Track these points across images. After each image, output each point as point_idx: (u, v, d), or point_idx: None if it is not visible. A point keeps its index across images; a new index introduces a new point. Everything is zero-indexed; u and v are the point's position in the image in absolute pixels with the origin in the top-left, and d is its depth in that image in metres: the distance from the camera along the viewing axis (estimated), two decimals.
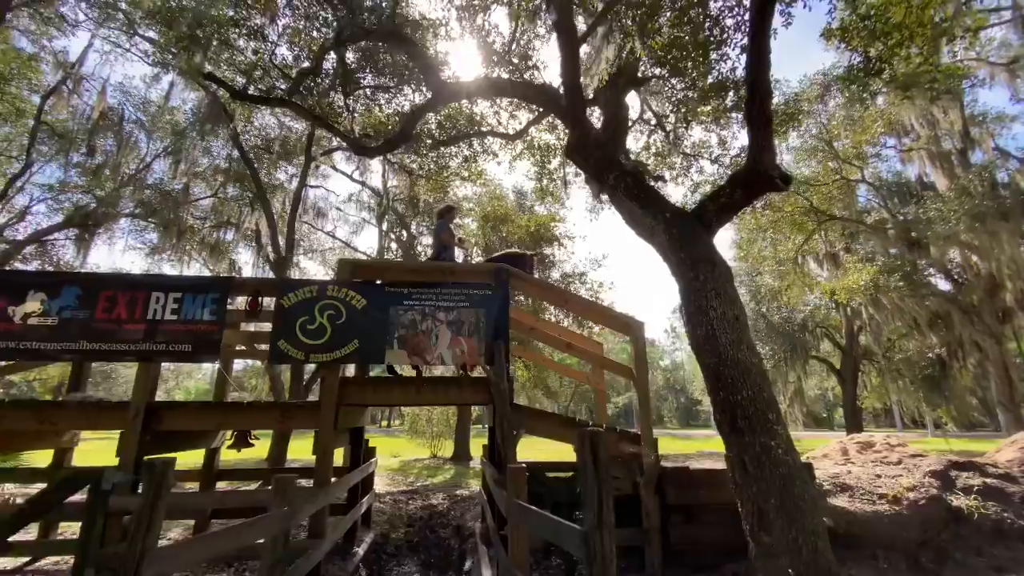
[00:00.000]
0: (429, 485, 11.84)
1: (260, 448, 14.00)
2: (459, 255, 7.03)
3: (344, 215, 19.96)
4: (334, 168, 19.29)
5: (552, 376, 17.09)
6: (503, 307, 5.18)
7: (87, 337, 4.78)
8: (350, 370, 6.10)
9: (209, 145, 14.61)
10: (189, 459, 7.41)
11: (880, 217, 15.80)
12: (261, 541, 3.46)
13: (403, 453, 18.34)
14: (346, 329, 4.85)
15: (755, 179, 4.69)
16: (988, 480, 4.85)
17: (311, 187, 17.46)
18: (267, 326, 5.03)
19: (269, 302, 5.15)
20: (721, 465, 4.64)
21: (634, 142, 12.44)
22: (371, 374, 6.56)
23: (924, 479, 4.90)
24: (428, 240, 18.33)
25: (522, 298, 12.32)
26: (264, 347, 5.46)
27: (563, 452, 7.06)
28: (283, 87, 8.64)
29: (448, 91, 6.51)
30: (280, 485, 3.50)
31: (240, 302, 5.71)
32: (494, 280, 5.32)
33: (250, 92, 8.68)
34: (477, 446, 14.24)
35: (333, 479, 5.07)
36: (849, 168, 15.33)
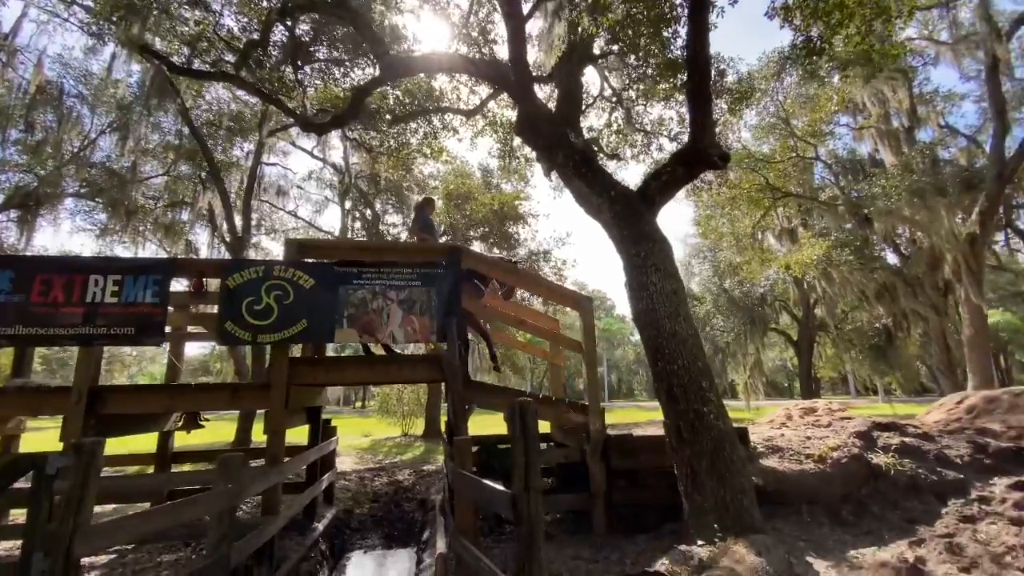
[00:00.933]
0: (398, 462, 12.00)
1: (227, 431, 13.91)
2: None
3: (305, 193, 19.50)
4: (294, 144, 18.71)
5: (520, 354, 17.33)
6: (455, 285, 5.24)
7: (23, 322, 4.65)
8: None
9: (158, 120, 13.96)
10: (150, 443, 7.33)
11: (833, 194, 16.37)
12: (208, 518, 3.51)
13: (374, 432, 18.41)
14: (293, 309, 4.84)
15: (694, 157, 4.83)
16: (907, 440, 5.24)
17: (268, 164, 16.96)
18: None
19: (217, 284, 5.09)
20: (663, 432, 4.88)
21: (596, 119, 12.49)
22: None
23: (848, 439, 5.27)
24: (393, 219, 18.13)
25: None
26: None
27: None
28: (231, 60, 8.29)
29: (398, 66, 6.40)
30: (224, 464, 3.55)
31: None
32: (447, 258, 5.37)
33: (195, 66, 8.30)
34: None
35: (288, 458, 5.14)
36: (805, 146, 15.76)
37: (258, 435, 12.55)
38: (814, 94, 13.51)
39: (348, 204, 17.55)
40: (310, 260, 5.22)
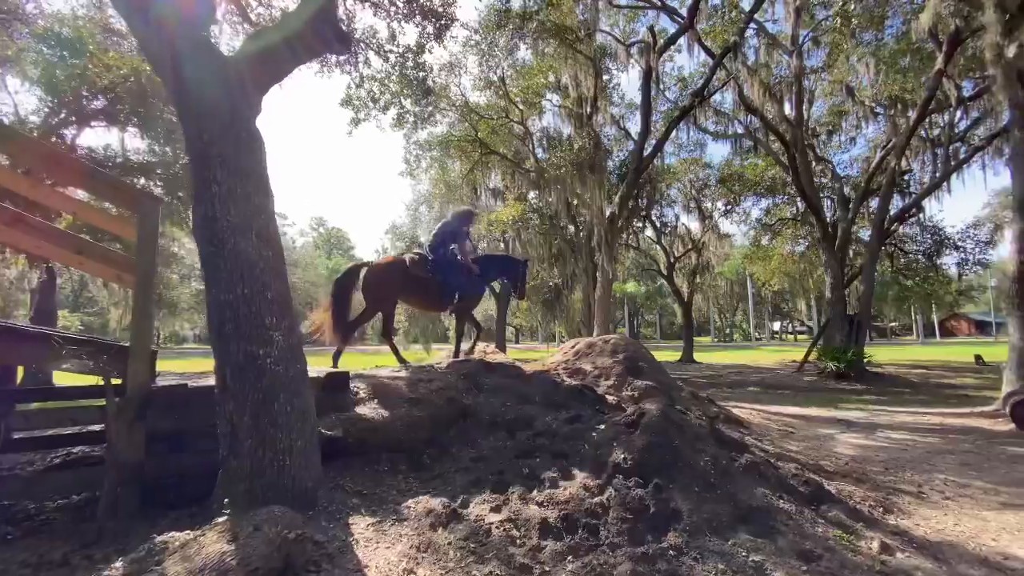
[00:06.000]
0: None
1: None
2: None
3: None
4: None
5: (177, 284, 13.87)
6: None
7: None
8: None
9: None
10: None
11: (532, 163, 18.14)
12: None
13: None
14: None
15: (302, 26, 3.68)
16: (504, 380, 5.55)
17: None
18: None
19: None
20: None
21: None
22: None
23: (456, 380, 5.25)
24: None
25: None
26: None
27: None
28: None
29: None
30: None
31: None
32: None
33: None
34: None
35: None
36: (518, 113, 16.77)
37: None
38: (526, 61, 14.22)
39: None
40: None
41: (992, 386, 12.34)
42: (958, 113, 15.98)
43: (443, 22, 9.05)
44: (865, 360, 15.38)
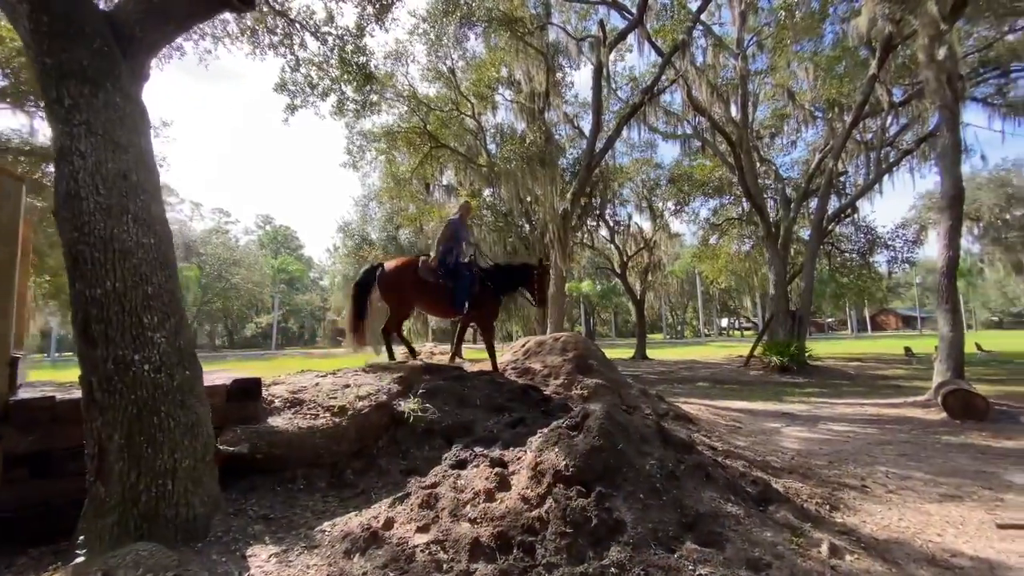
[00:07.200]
0: None
1: None
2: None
3: None
4: None
5: None
6: None
7: None
8: None
9: None
10: None
11: (484, 159, 17.79)
12: None
13: None
14: None
15: None
16: (441, 382, 5.14)
17: None
18: None
19: None
20: None
21: None
22: None
23: (388, 385, 4.81)
24: None
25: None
26: None
27: None
28: None
29: None
30: None
31: None
32: None
33: None
34: None
35: None
36: (468, 106, 16.35)
37: None
38: (477, 53, 13.85)
39: None
40: None
41: (921, 376, 13.00)
42: (889, 118, 16.85)
43: (384, 2, 8.53)
44: (806, 354, 15.93)
